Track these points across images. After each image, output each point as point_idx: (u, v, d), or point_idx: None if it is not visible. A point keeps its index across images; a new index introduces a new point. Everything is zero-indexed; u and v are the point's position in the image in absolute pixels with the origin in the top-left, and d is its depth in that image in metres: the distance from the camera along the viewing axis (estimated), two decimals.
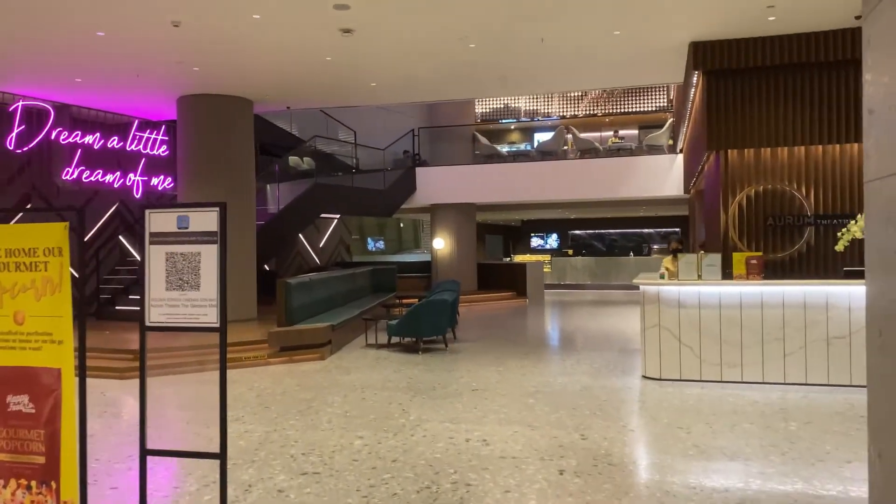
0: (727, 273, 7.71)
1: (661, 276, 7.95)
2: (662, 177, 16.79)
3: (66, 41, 8.82)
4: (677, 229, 27.30)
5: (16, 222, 12.37)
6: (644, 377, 7.84)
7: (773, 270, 8.88)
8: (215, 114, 11.93)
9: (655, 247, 26.62)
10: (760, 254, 7.65)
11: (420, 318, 9.77)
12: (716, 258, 7.65)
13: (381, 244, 26.25)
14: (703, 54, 9.09)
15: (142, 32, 8.57)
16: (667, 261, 8.98)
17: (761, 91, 8.98)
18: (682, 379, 7.62)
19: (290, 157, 17.49)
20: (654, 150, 17.58)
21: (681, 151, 16.43)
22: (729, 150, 9.15)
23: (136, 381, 8.14)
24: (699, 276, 7.66)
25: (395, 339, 10.49)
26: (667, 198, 17.63)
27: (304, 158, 17.66)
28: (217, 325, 3.44)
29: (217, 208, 3.46)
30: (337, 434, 5.68)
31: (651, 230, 28.44)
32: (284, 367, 8.87)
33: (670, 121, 18.12)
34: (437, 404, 6.70)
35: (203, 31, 8.60)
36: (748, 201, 9.10)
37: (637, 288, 8.03)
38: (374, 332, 10.83)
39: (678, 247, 8.98)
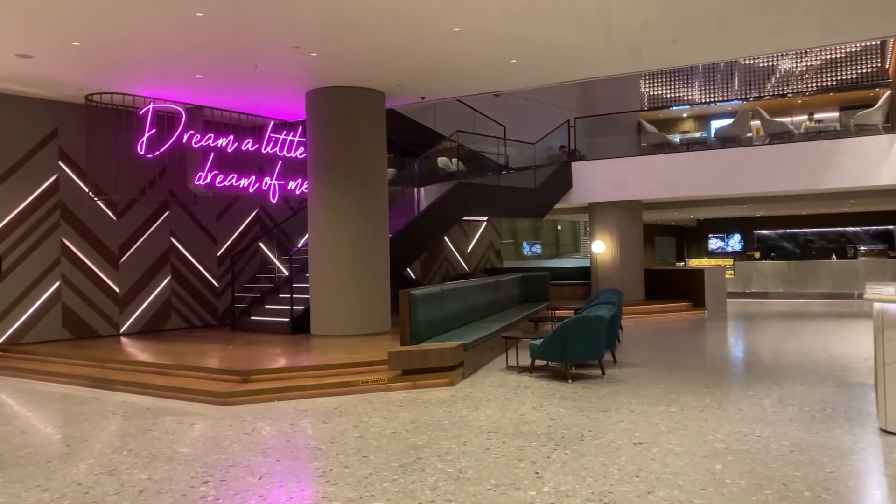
0: None
1: None
2: (877, 163, 13.68)
3: (170, 29, 8.09)
4: (892, 227, 22.97)
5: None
6: (884, 431, 5.55)
7: None
8: (344, 108, 10.93)
9: (863, 248, 22.53)
10: None
11: (568, 338, 7.99)
12: None
13: (536, 248, 24.50)
14: None
15: (245, 13, 7.61)
16: None
17: None
18: None
19: (439, 158, 16.32)
20: (866, 130, 14.42)
21: None
22: None
23: (240, 408, 7.12)
24: None
25: (541, 361, 8.79)
26: (883, 188, 14.39)
27: (453, 159, 16.42)
28: None
29: None
30: None
31: (857, 228, 24.19)
32: (406, 395, 7.48)
33: (887, 94, 14.81)
34: (584, 465, 4.93)
35: (314, 8, 7.49)
36: None
37: (846, 298, 5.74)
38: (516, 352, 9.19)
39: None
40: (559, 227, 26.35)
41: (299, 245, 13.07)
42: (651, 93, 22.48)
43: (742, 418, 6.18)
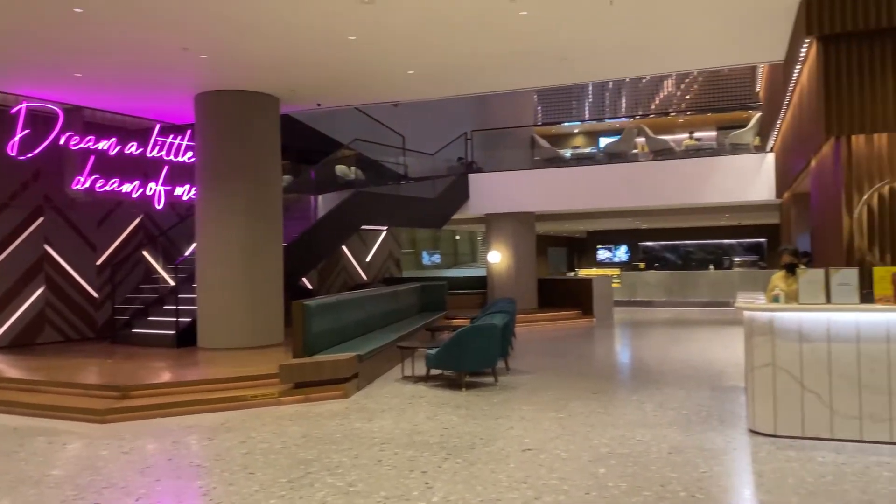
0: (866, 295, 5.75)
1: (775, 299, 6.02)
2: (749, 179, 14.67)
3: (45, 24, 7.59)
4: (763, 239, 24.73)
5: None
6: (752, 432, 5.93)
7: None
8: (236, 112, 10.60)
9: (737, 259, 24.12)
10: None
11: (463, 347, 8.07)
12: (851, 274, 5.69)
13: (435, 258, 24.67)
14: (819, 14, 7.12)
15: (129, 12, 7.26)
16: (778, 278, 7.02)
17: None
18: (805, 436, 5.68)
19: (338, 166, 16.13)
20: (740, 149, 15.46)
21: (771, 150, 14.30)
22: (854, 137, 7.14)
23: (119, 426, 6.73)
24: (828, 299, 5.72)
25: (436, 371, 8.83)
26: (754, 203, 15.47)
27: (352, 168, 16.27)
28: None
29: None
30: None
31: (732, 241, 25.89)
32: (297, 409, 7.31)
33: (757, 116, 15.94)
34: (474, 473, 4.98)
35: (203, 9, 7.24)
36: (881, 201, 7.06)
37: (722, 306, 6.13)
38: (412, 361, 9.19)
39: (792, 260, 7.00)
40: (457, 238, 26.67)
41: (186, 253, 12.54)
42: (544, 108, 23.20)
43: (626, 422, 6.43)
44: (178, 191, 12.34)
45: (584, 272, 24.96)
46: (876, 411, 5.55)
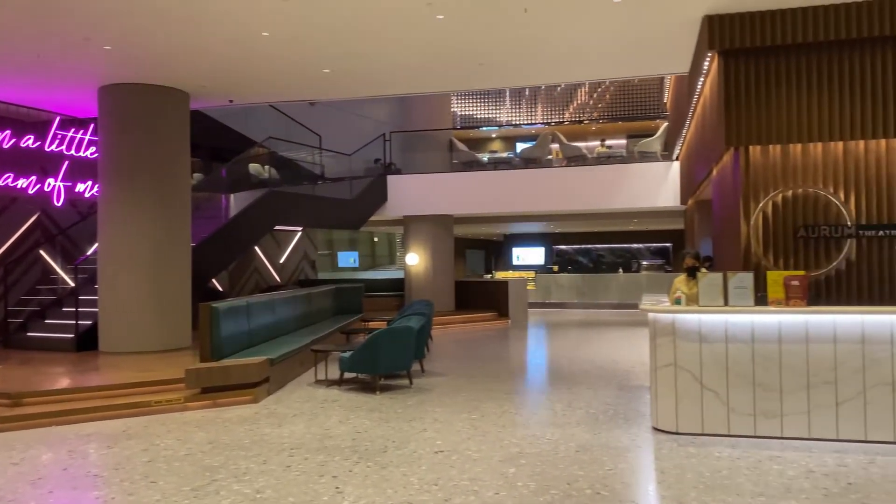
0: (760, 297, 6.07)
1: (677, 302, 6.28)
2: (656, 186, 15.29)
3: None
4: (668, 244, 25.79)
5: None
6: (656, 429, 6.16)
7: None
8: (143, 106, 10.17)
9: (645, 263, 25.06)
10: (804, 272, 6.01)
11: (378, 350, 8.02)
12: (747, 278, 6.00)
13: (353, 260, 24.45)
14: (721, 30, 7.49)
15: None
16: (680, 281, 7.32)
17: (791, 75, 7.39)
18: (704, 433, 5.95)
19: (252, 165, 15.73)
20: (647, 157, 16.07)
21: (677, 159, 14.93)
22: (751, 147, 7.54)
23: (10, 436, 6.31)
24: (726, 302, 6.01)
25: (351, 374, 8.74)
26: (661, 209, 16.11)
27: (266, 167, 15.91)
28: None
29: None
30: None
31: (640, 245, 26.90)
32: (204, 415, 7.07)
33: (665, 125, 16.62)
34: (386, 476, 4.95)
35: None
36: (774, 208, 7.48)
37: (631, 308, 6.36)
38: (325, 365, 9.06)
39: (694, 264, 7.31)
40: (376, 239, 26.52)
41: (88, 253, 11.92)
42: (463, 112, 23.40)
43: (536, 422, 6.55)
44: (80, 187, 11.73)
45: (500, 275, 25.32)
46: (769, 408, 5.87)
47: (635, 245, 26.92)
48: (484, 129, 22.93)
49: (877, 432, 5.64)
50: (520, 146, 20.48)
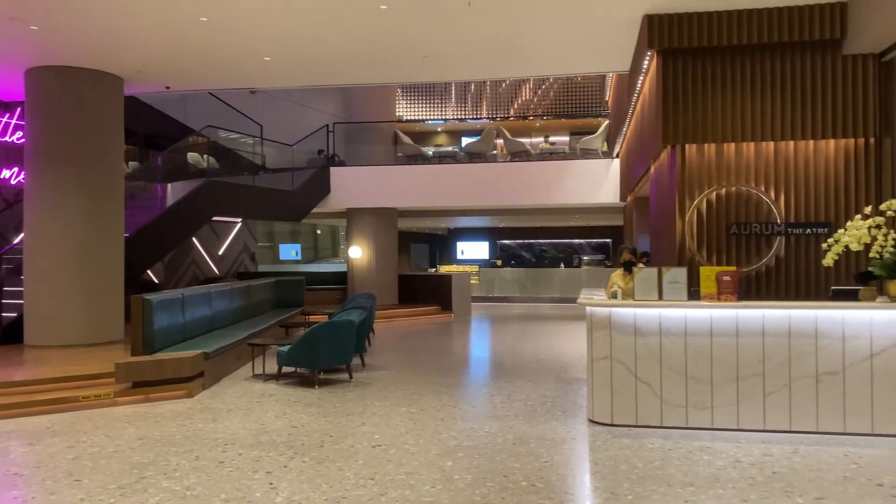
0: (693, 292, 6.23)
1: (614, 296, 6.39)
2: (597, 183, 15.54)
3: None
4: (608, 240, 26.28)
5: None
6: (591, 421, 6.26)
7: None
8: (73, 91, 9.77)
9: (586, 258, 25.48)
10: (735, 268, 6.19)
11: (317, 343, 7.91)
12: (681, 273, 6.14)
13: (295, 253, 24.10)
14: (660, 30, 7.64)
15: None
16: (616, 275, 7.45)
17: (726, 76, 7.60)
18: (638, 424, 6.07)
19: (190, 154, 15.30)
20: (589, 154, 16.31)
21: (617, 156, 15.21)
22: (687, 146, 7.73)
23: None
24: (660, 296, 6.14)
25: (289, 368, 8.60)
26: (601, 205, 16.39)
27: (204, 156, 15.50)
28: None
29: None
30: None
31: (581, 241, 27.34)
32: (135, 410, 6.85)
33: (606, 123, 16.90)
34: (321, 471, 4.88)
35: None
36: (709, 206, 7.69)
37: (572, 302, 6.44)
38: (263, 359, 8.90)
39: (630, 258, 7.45)
40: (318, 232, 26.19)
41: (14, 242, 11.40)
42: (408, 105, 23.30)
43: (475, 415, 6.58)
44: (5, 173, 11.20)
45: (444, 269, 25.36)
46: (700, 400, 6.03)
47: (577, 240, 27.35)
48: (429, 122, 22.88)
49: (801, 422, 5.86)
50: (465, 141, 20.51)
